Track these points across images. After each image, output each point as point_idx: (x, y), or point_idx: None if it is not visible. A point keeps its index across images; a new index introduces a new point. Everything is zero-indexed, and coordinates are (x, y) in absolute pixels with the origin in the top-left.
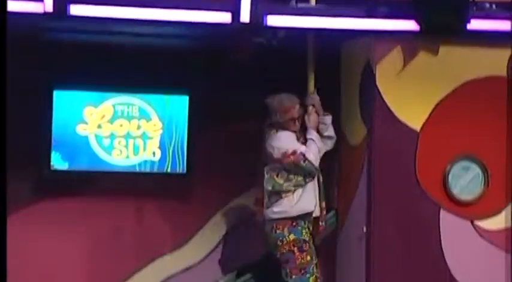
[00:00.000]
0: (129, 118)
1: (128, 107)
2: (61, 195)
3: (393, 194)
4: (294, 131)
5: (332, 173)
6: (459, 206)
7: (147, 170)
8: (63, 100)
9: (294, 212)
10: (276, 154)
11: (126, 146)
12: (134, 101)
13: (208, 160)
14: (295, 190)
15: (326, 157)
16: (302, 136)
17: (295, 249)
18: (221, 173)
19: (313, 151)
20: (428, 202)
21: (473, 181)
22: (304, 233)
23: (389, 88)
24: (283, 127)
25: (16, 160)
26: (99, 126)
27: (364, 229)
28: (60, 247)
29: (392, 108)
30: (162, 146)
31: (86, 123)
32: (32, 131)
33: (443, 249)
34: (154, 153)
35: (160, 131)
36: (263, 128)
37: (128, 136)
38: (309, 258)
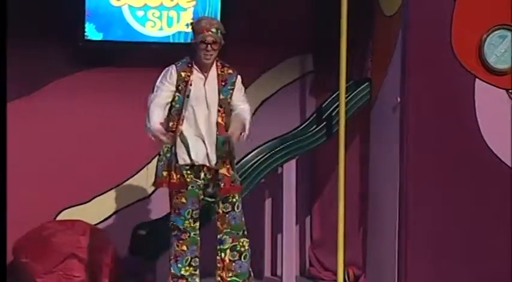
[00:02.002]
0: None
1: None
2: (95, 66)
3: (428, 64)
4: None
5: (366, 44)
6: (494, 76)
7: (181, 41)
8: None
9: None
10: None
11: (160, 18)
12: None
13: (242, 31)
14: None
15: (359, 28)
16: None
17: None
18: (254, 43)
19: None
20: (463, 72)
21: (509, 50)
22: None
23: None
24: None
25: (51, 31)
26: None
27: (398, 99)
28: (95, 117)
29: None
30: (195, 18)
31: None
32: (66, 2)
33: (477, 118)
34: (188, 25)
35: (194, 3)
36: None
37: (161, 8)
38: (184, 200)
